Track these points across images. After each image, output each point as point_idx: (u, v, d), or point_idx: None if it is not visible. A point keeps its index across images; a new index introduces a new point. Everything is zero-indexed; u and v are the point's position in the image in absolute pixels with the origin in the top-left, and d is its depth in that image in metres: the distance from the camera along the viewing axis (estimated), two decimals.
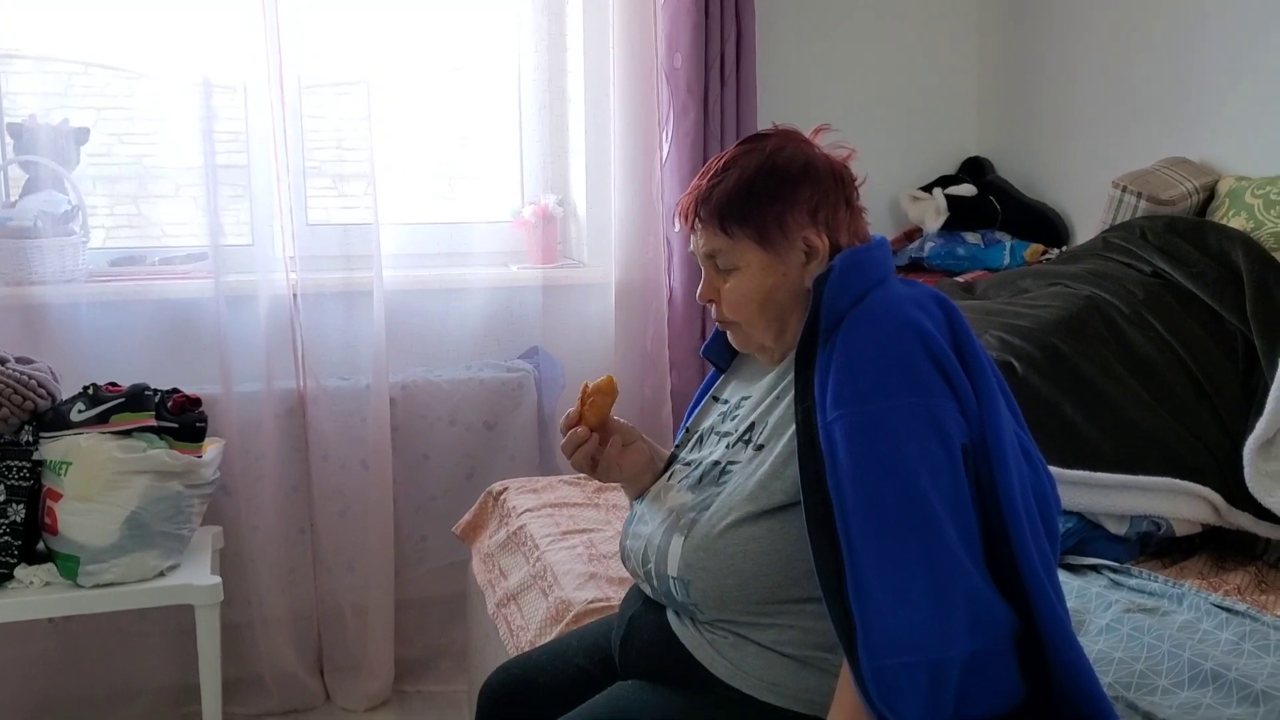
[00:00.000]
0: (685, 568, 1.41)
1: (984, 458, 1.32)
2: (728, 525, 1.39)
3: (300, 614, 2.90)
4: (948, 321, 1.39)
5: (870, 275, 1.41)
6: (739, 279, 1.45)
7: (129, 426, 2.34)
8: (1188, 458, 2.01)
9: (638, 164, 3.02)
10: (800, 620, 1.37)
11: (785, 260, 1.44)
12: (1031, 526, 1.34)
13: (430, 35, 3.14)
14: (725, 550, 1.38)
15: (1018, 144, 3.35)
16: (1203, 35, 2.70)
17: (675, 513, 1.47)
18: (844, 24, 3.34)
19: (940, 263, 3.15)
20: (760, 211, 1.43)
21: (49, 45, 2.94)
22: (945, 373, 1.32)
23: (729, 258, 1.46)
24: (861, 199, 1.51)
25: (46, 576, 2.33)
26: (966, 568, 1.26)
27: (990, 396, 1.35)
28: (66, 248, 2.73)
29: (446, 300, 3.03)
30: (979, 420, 1.32)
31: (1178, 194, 2.52)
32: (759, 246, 1.44)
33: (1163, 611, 1.72)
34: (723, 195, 1.45)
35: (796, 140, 1.49)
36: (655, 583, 1.47)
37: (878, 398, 1.29)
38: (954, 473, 1.29)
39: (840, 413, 1.29)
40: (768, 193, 1.43)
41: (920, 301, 1.39)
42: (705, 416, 1.62)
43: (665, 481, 1.56)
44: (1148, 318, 2.18)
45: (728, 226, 1.44)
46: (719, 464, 1.48)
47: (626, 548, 1.56)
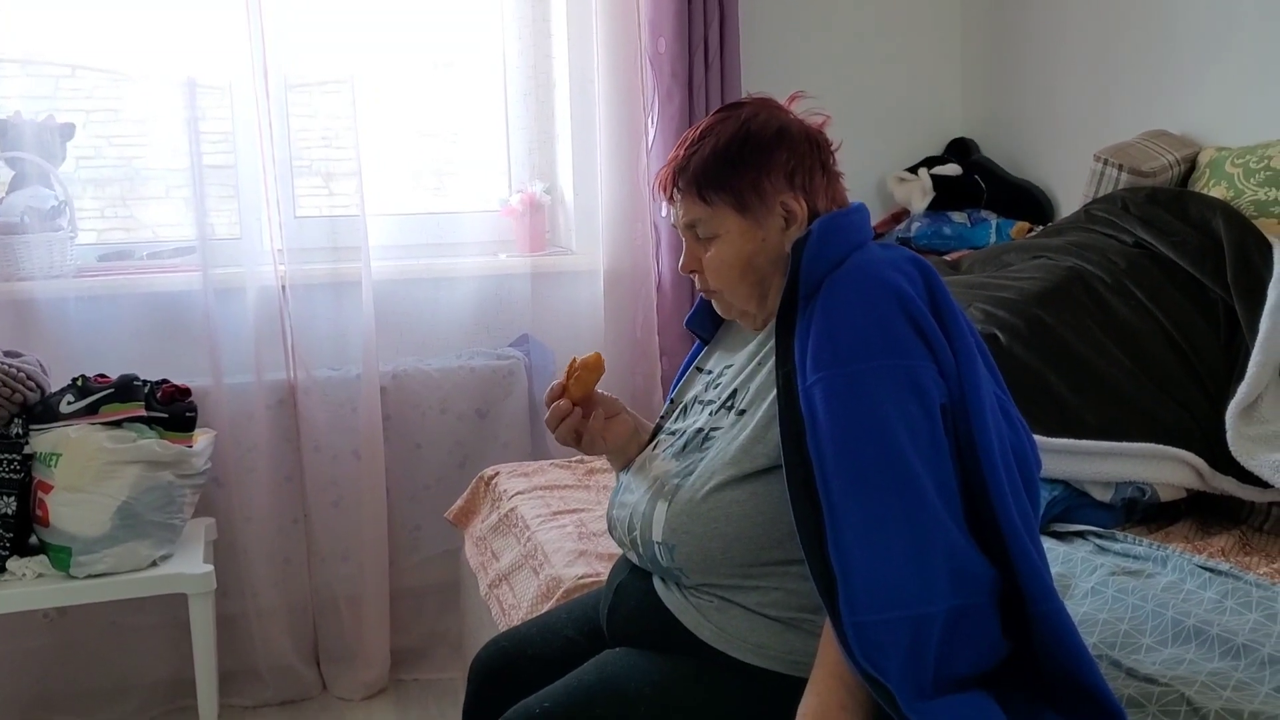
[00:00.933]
0: (670, 532, 1.42)
1: (963, 416, 1.33)
2: (710, 489, 1.40)
3: (295, 604, 2.91)
4: (925, 283, 1.40)
5: (848, 239, 1.42)
6: (719, 247, 1.47)
7: (119, 417, 2.35)
8: (1171, 424, 2.01)
9: (624, 150, 3.03)
10: (784, 582, 1.38)
11: (764, 226, 1.45)
12: (1011, 484, 1.35)
13: (414, 26, 3.15)
14: (709, 514, 1.39)
15: (1002, 123, 3.36)
16: (1181, 9, 2.71)
17: (660, 480, 1.48)
18: (827, 7, 3.35)
19: (927, 243, 3.16)
20: (737, 178, 1.44)
21: (35, 48, 2.95)
22: (923, 333, 1.33)
23: (708, 226, 1.47)
24: (839, 164, 1.52)
25: (39, 568, 2.34)
26: (946, 524, 1.27)
27: (968, 356, 1.36)
28: (54, 243, 2.74)
29: (436, 289, 3.04)
30: (957, 380, 1.33)
31: (1159, 165, 2.53)
32: (737, 213, 1.45)
33: (1147, 574, 1.73)
34: (699, 163, 1.46)
35: (771, 107, 1.50)
36: (641, 549, 1.49)
37: (856, 360, 1.30)
38: (933, 432, 1.30)
39: (819, 375, 1.30)
40: (744, 159, 1.44)
41: (898, 264, 1.40)
42: (689, 387, 1.63)
43: (650, 451, 1.57)
44: (1130, 287, 2.19)
45: (705, 194, 1.46)
46: (702, 430, 1.49)
47: (613, 517, 1.57)
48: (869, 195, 3.40)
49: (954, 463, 1.31)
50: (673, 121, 2.99)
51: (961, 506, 1.31)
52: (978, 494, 1.32)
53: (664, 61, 2.97)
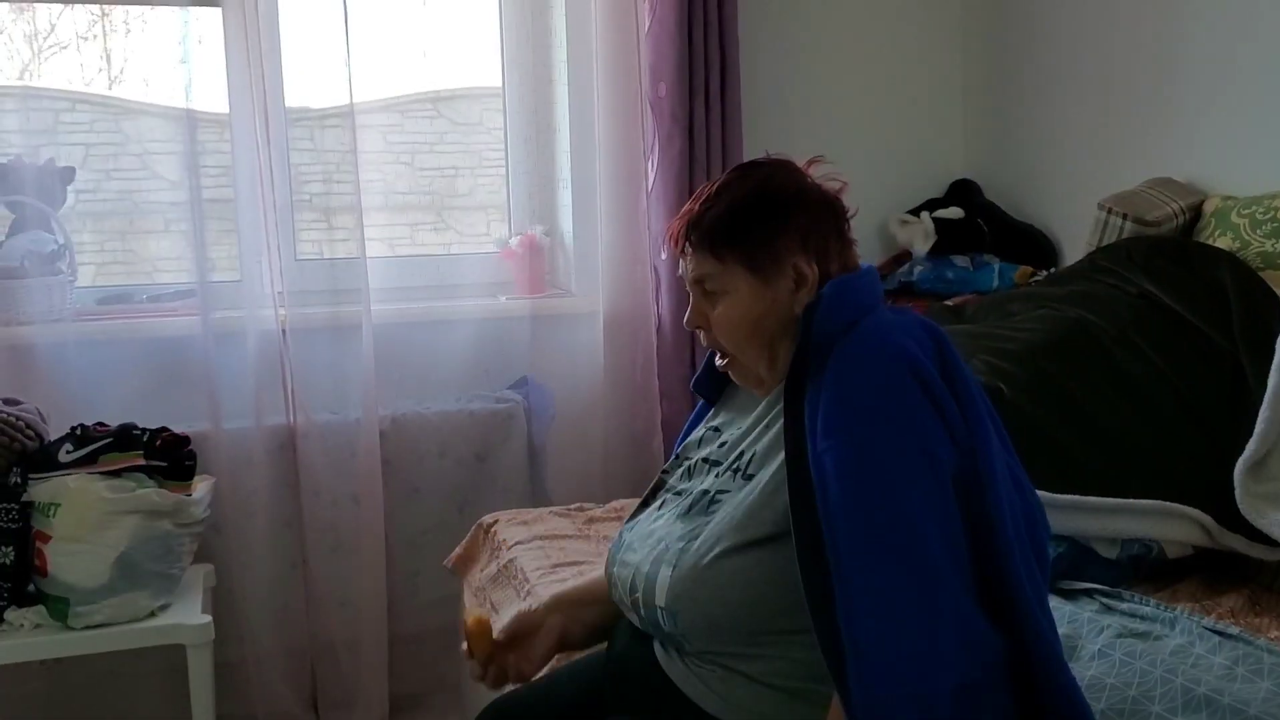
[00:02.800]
0: (673, 598, 1.40)
1: (975, 484, 1.32)
2: (716, 555, 1.38)
3: (293, 650, 2.89)
4: (937, 349, 1.39)
5: (859, 303, 1.42)
6: (728, 304, 1.46)
7: (117, 467, 2.33)
8: (1178, 480, 2.00)
9: (624, 193, 3.03)
10: (789, 651, 1.36)
11: (774, 286, 1.44)
12: (1022, 553, 1.34)
13: (417, 66, 3.16)
14: (713, 580, 1.37)
15: (1005, 166, 3.36)
16: (1187, 55, 2.71)
17: (664, 542, 1.46)
18: (828, 49, 3.35)
19: (930, 286, 3.15)
20: (751, 235, 1.44)
21: (36, 82, 2.95)
22: (935, 400, 1.32)
23: (718, 282, 1.46)
24: (852, 231, 1.52)
25: (37, 619, 2.32)
26: (958, 596, 1.26)
27: (979, 423, 1.35)
28: (54, 287, 2.74)
29: (435, 332, 3.03)
30: (969, 447, 1.33)
31: (1163, 215, 2.52)
32: (749, 272, 1.44)
33: (1155, 636, 1.71)
34: (714, 219, 1.45)
35: (790, 169, 1.50)
36: (643, 612, 1.47)
37: (868, 426, 1.29)
38: (944, 501, 1.29)
39: (831, 442, 1.29)
40: (759, 217, 1.44)
41: (909, 329, 1.40)
42: (697, 445, 1.61)
43: (655, 510, 1.56)
44: (1135, 339, 2.18)
45: (719, 250, 1.44)
46: (708, 493, 1.47)
47: (614, 575, 1.54)
48: (870, 237, 3.39)
49: (966, 532, 1.30)
50: (673, 165, 2.98)
51: (973, 576, 1.30)
52: (989, 563, 1.31)
53: (664, 106, 2.97)
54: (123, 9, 2.99)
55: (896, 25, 3.41)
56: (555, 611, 1.62)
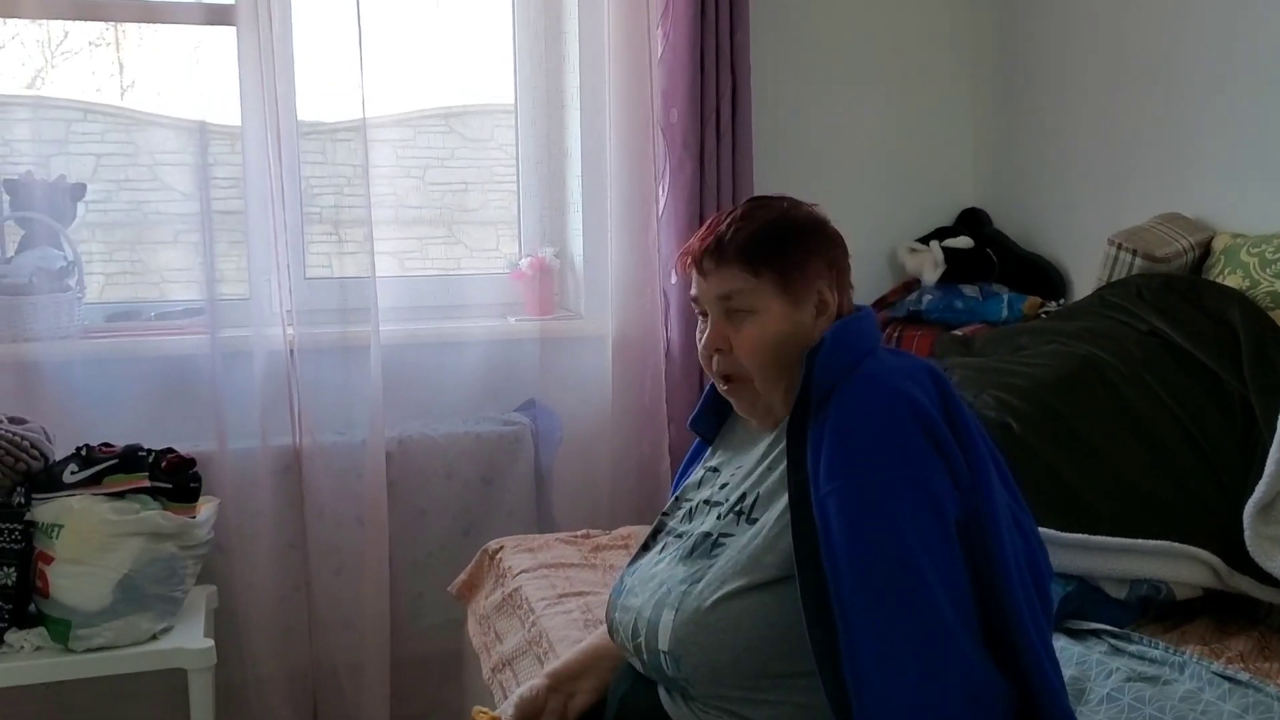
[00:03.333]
0: (676, 642, 1.40)
1: (977, 528, 1.32)
2: (719, 598, 1.37)
3: (296, 673, 2.88)
4: (939, 393, 1.40)
5: (859, 346, 1.43)
6: (756, 323, 1.45)
7: (122, 488, 2.33)
8: (1187, 520, 1.99)
9: (634, 217, 3.03)
10: (793, 695, 1.35)
11: (801, 310, 1.45)
12: (1026, 596, 1.34)
13: (430, 82, 3.16)
14: (717, 624, 1.37)
15: (1014, 196, 3.35)
16: (1198, 91, 2.71)
17: (666, 585, 1.46)
18: (839, 77, 3.35)
19: (938, 315, 3.15)
20: (786, 254, 1.45)
21: (47, 91, 2.96)
22: (938, 444, 1.33)
23: (748, 299, 1.45)
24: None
25: (37, 640, 2.31)
26: (962, 644, 1.26)
27: (982, 467, 1.36)
28: (62, 304, 2.73)
29: (443, 353, 3.02)
30: (972, 491, 1.33)
31: (1172, 251, 2.52)
32: (780, 291, 1.44)
33: (1165, 680, 1.70)
34: (748, 236, 1.46)
35: (804, 205, 1.53)
36: (646, 657, 1.46)
37: (871, 471, 1.30)
38: (948, 546, 1.29)
39: (834, 485, 1.29)
40: (792, 238, 1.46)
41: (911, 373, 1.40)
42: (696, 486, 1.61)
43: (656, 554, 1.55)
44: (1145, 377, 2.17)
45: (755, 265, 1.44)
46: (710, 535, 1.46)
47: (615, 620, 1.54)
48: (880, 265, 3.39)
49: (969, 576, 1.30)
50: (684, 191, 2.98)
51: (978, 622, 1.30)
52: (993, 608, 1.31)
53: (676, 132, 2.97)
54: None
55: (908, 55, 3.41)
56: (555, 690, 1.62)
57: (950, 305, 3.14)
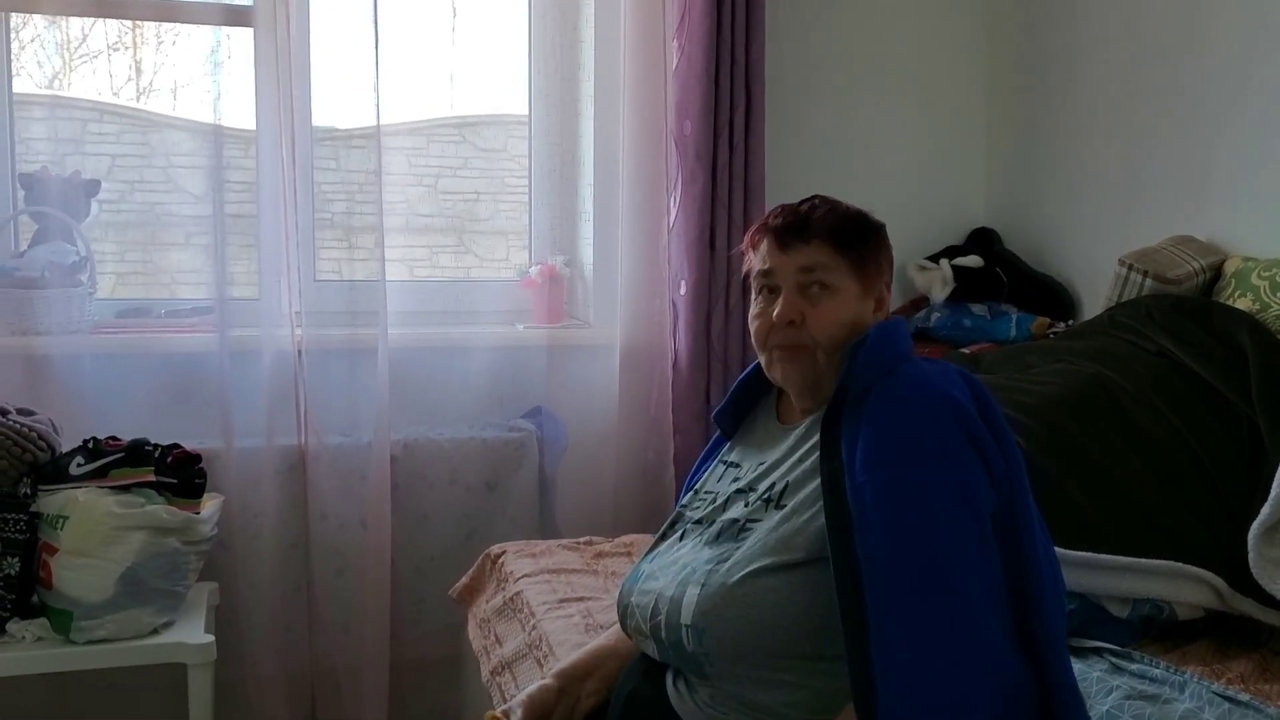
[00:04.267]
0: (700, 615, 1.42)
1: (1012, 526, 1.35)
2: (747, 574, 1.40)
3: (294, 673, 2.87)
4: (975, 396, 1.43)
5: (898, 349, 1.47)
6: (834, 300, 1.50)
7: (127, 482, 2.34)
8: (1191, 541, 1.99)
9: (645, 228, 3.04)
10: (812, 680, 1.37)
11: (867, 299, 1.53)
12: (1054, 598, 1.38)
13: (445, 91, 3.18)
14: (743, 598, 1.39)
15: (1025, 216, 3.36)
16: (1213, 114, 2.71)
17: (690, 566, 1.48)
18: (853, 94, 3.36)
19: (946, 333, 3.15)
20: (867, 242, 1.54)
21: (65, 91, 2.98)
22: (976, 443, 1.36)
23: (832, 275, 1.50)
24: None
25: (39, 631, 2.32)
26: (993, 638, 1.29)
27: (1018, 465, 1.39)
28: (73, 298, 2.74)
29: (450, 358, 3.03)
30: (1008, 489, 1.36)
31: (1184, 273, 2.52)
32: (857, 276, 1.52)
33: (1165, 699, 1.69)
34: (838, 218, 1.53)
35: None
36: (665, 634, 1.46)
37: (909, 465, 1.33)
38: (984, 542, 1.32)
39: (870, 476, 1.32)
40: (870, 231, 1.56)
41: (948, 376, 1.45)
42: (717, 479, 1.63)
43: (675, 541, 1.58)
44: (1153, 398, 2.17)
45: (841, 245, 1.51)
46: (738, 521, 1.49)
47: (631, 605, 1.55)
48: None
49: (1003, 572, 1.33)
50: (695, 202, 2.99)
51: (1010, 618, 1.32)
52: (1022, 603, 1.34)
53: (689, 143, 2.98)
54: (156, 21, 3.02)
55: (923, 73, 3.43)
56: (563, 693, 1.63)
57: (959, 323, 3.14)
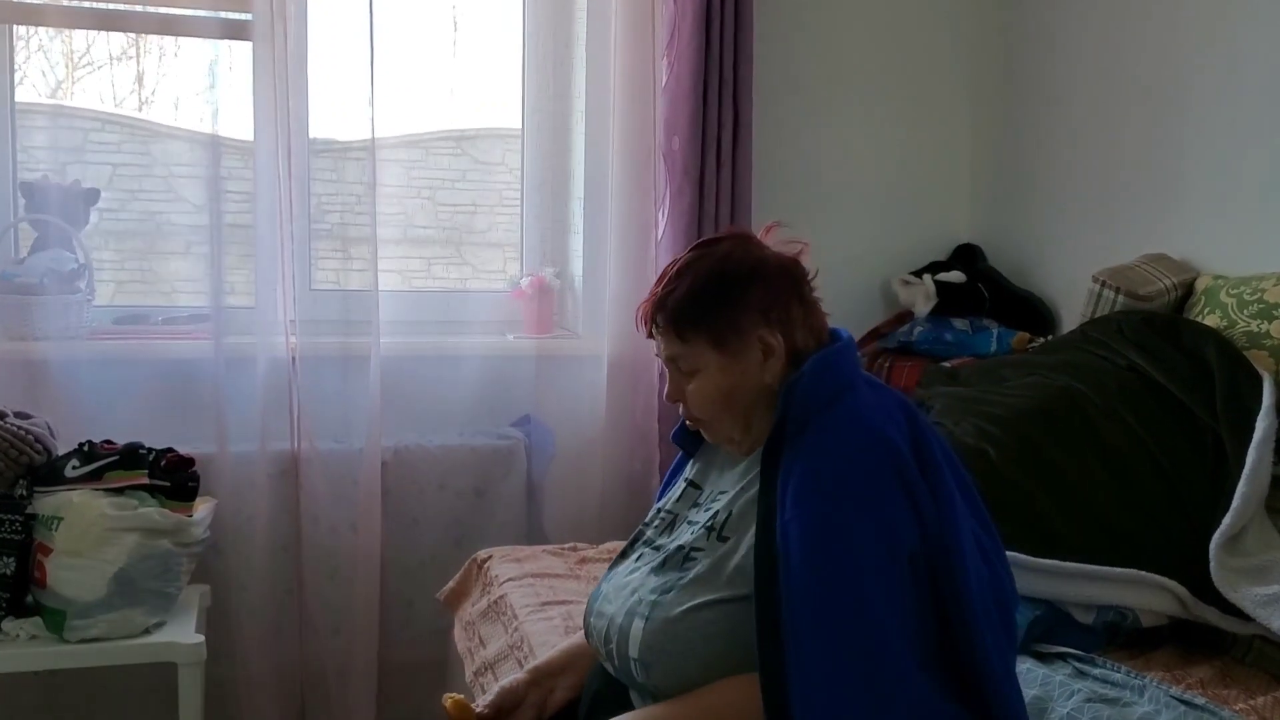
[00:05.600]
0: (646, 649, 1.44)
1: (943, 562, 1.36)
2: (687, 609, 1.42)
3: (284, 675, 2.92)
4: (911, 430, 1.44)
5: (839, 379, 1.47)
6: (699, 381, 1.50)
7: (122, 484, 2.38)
8: (1155, 550, 2.03)
9: (634, 241, 3.09)
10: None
11: (742, 360, 1.48)
12: (989, 624, 1.38)
13: (443, 104, 3.24)
14: (685, 634, 1.41)
15: (1008, 233, 3.42)
16: (1190, 134, 2.77)
17: (637, 594, 1.50)
18: (840, 111, 3.42)
19: (928, 347, 3.20)
20: (712, 316, 1.48)
21: (69, 100, 3.03)
22: (906, 485, 1.37)
23: (688, 361, 1.50)
24: (819, 290, 1.56)
25: (33, 630, 2.36)
26: (911, 675, 1.30)
27: (948, 501, 1.40)
28: (71, 305, 2.80)
29: (441, 367, 3.08)
30: (937, 526, 1.37)
31: (1155, 290, 2.57)
32: (714, 349, 1.48)
33: (1124, 703, 1.74)
34: (676, 302, 1.49)
35: (747, 242, 1.55)
36: (617, 663, 1.50)
37: (835, 502, 1.34)
38: (903, 583, 1.33)
39: (797, 512, 1.34)
40: (718, 297, 1.48)
41: (886, 409, 1.45)
42: (676, 499, 1.65)
43: (632, 562, 1.60)
44: (1120, 410, 2.22)
45: (683, 332, 1.49)
46: (683, 548, 1.50)
47: (590, 624, 1.58)
48: (873, 296, 3.45)
49: (930, 609, 1.34)
50: (683, 217, 3.05)
51: (936, 654, 1.34)
52: (958, 639, 1.35)
53: (677, 159, 3.04)
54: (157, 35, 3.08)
55: (908, 91, 3.48)
56: (535, 685, 1.66)
57: (940, 338, 3.19)
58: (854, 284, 3.39)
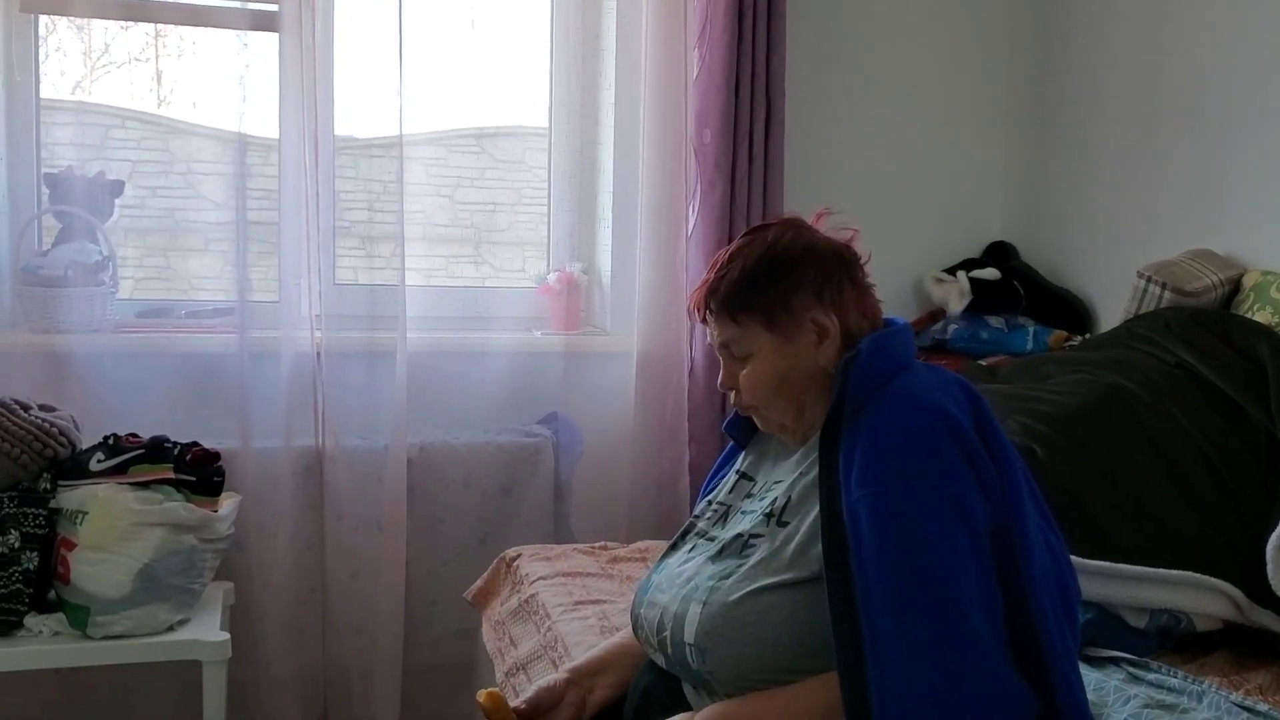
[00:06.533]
0: (703, 634, 1.41)
1: (1007, 542, 1.33)
2: (747, 593, 1.40)
3: (307, 675, 2.88)
4: (972, 407, 1.41)
5: (895, 360, 1.44)
6: (753, 365, 1.50)
7: (147, 479, 2.35)
8: (1209, 552, 1.98)
9: (664, 236, 3.04)
10: None
11: (796, 343, 1.48)
12: (1055, 613, 1.35)
13: (464, 102, 3.20)
14: (744, 618, 1.39)
15: (1042, 230, 3.36)
16: (1231, 127, 2.72)
17: (694, 581, 1.48)
18: (872, 107, 3.38)
19: (963, 345, 3.15)
20: (765, 297, 1.48)
21: (88, 97, 3.00)
22: (970, 457, 1.34)
23: (742, 345, 1.50)
24: (871, 276, 1.55)
25: (56, 626, 2.33)
26: (988, 654, 1.27)
27: (1014, 482, 1.37)
28: (95, 298, 2.77)
29: (468, 363, 3.04)
30: (1002, 505, 1.34)
31: (1202, 286, 2.52)
32: (768, 331, 1.48)
33: (1183, 709, 1.69)
34: (729, 286, 1.50)
35: (797, 226, 1.54)
36: (670, 650, 1.47)
37: (903, 479, 1.32)
38: (978, 557, 1.30)
39: (865, 492, 1.31)
40: (771, 278, 1.48)
41: (945, 387, 1.42)
42: (729, 490, 1.63)
43: (685, 553, 1.57)
44: (1170, 409, 2.17)
45: (736, 315, 1.49)
46: (742, 536, 1.48)
47: (640, 616, 1.55)
48: (906, 294, 3.40)
49: (999, 590, 1.31)
50: (714, 211, 3.00)
51: (1007, 634, 1.30)
52: (1021, 622, 1.31)
53: (708, 152, 2.99)
54: (178, 32, 3.04)
55: (942, 86, 3.44)
56: (574, 685, 1.63)
57: (975, 336, 3.15)
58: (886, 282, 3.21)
